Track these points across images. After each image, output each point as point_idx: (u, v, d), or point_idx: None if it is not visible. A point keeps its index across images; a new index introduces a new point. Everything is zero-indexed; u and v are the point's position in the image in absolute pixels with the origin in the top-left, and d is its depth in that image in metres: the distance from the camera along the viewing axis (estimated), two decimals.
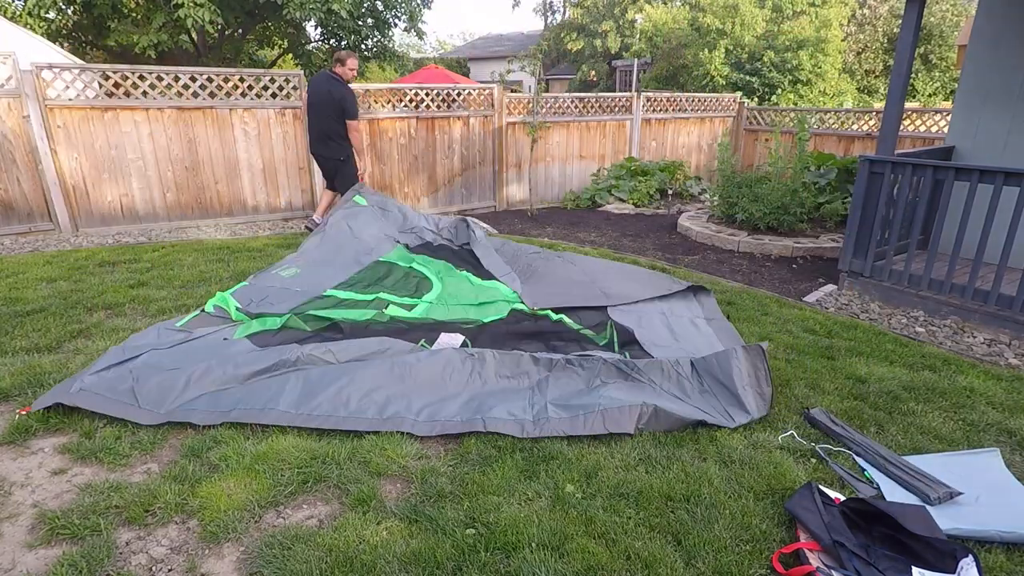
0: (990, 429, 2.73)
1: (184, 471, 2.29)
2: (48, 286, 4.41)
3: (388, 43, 16.50)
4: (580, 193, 8.93)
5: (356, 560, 1.88)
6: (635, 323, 3.69)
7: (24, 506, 2.13)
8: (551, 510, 2.13)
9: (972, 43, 4.96)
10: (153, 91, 6.18)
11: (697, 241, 6.62)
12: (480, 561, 1.88)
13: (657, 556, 1.91)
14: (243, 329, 3.48)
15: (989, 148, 4.91)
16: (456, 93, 7.86)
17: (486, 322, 3.73)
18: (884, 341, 3.72)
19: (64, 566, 1.83)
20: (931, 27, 18.77)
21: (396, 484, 2.29)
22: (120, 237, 6.20)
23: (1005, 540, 2.01)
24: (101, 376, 2.85)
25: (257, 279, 4.40)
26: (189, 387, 2.77)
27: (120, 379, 2.83)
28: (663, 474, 2.34)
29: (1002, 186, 3.74)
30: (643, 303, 4.10)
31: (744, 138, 10.20)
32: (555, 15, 27.00)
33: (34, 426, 2.56)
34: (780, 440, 2.59)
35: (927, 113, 8.00)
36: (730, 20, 15.49)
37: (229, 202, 6.87)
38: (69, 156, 5.98)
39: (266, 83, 6.68)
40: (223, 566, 1.89)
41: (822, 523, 1.95)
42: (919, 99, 18.33)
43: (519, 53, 9.52)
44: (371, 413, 2.64)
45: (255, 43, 18.20)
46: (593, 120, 8.97)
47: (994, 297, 3.91)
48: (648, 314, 3.90)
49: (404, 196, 7.88)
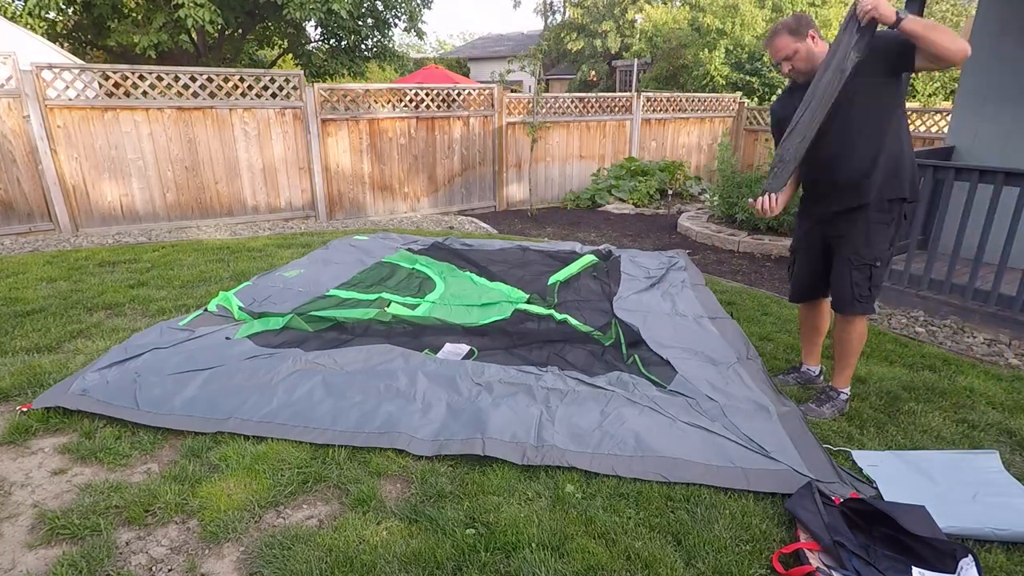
0: (990, 429, 2.73)
1: (184, 471, 2.29)
2: (48, 286, 4.41)
3: (388, 43, 16.51)
4: (580, 193, 8.93)
5: (356, 560, 1.88)
6: (640, 322, 3.68)
7: (24, 506, 2.13)
8: (551, 510, 2.13)
9: (972, 43, 4.94)
10: (153, 91, 6.18)
11: (697, 241, 6.62)
12: (480, 561, 1.88)
13: (657, 556, 1.91)
14: (245, 329, 3.48)
15: (989, 148, 4.91)
16: (456, 93, 7.86)
17: (488, 322, 3.73)
18: (884, 341, 3.72)
19: (64, 566, 1.83)
20: None
21: (396, 484, 2.29)
22: (120, 237, 6.20)
23: (1003, 539, 2.01)
24: (102, 374, 2.86)
25: (260, 279, 4.43)
26: (188, 391, 2.76)
27: (122, 379, 2.84)
28: None
29: (1002, 186, 3.74)
30: (648, 302, 4.13)
31: (744, 138, 10.20)
32: (555, 15, 26.99)
33: (34, 426, 2.56)
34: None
35: (927, 113, 7.99)
36: (730, 20, 15.49)
37: (229, 202, 6.87)
38: (69, 156, 5.98)
39: (266, 83, 6.68)
40: (223, 566, 1.89)
41: (822, 523, 1.95)
42: (919, 99, 18.31)
43: (519, 53, 9.51)
44: (368, 428, 2.56)
45: (255, 43, 18.18)
46: (593, 120, 8.97)
47: (994, 297, 3.91)
48: (654, 313, 3.92)
49: (404, 196, 7.89)
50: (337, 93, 7.12)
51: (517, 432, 2.48)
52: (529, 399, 2.75)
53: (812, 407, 2.82)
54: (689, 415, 2.67)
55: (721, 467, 2.33)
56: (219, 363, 2.99)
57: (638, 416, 2.63)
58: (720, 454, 2.41)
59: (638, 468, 2.33)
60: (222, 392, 2.77)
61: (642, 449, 2.42)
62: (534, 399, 2.75)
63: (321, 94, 6.97)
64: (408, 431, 2.53)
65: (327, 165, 7.25)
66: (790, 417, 2.67)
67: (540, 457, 2.37)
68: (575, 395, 2.79)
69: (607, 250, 5.42)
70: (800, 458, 2.38)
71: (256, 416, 2.62)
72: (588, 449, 2.42)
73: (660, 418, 2.63)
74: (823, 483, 2.24)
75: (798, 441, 2.49)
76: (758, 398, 2.83)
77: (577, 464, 2.34)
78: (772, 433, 2.54)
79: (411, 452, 2.43)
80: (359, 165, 7.46)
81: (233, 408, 2.66)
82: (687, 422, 2.61)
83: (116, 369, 2.93)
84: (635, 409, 2.69)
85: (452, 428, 2.54)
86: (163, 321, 3.68)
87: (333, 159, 7.27)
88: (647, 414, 2.65)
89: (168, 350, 3.15)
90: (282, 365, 2.96)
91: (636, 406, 2.71)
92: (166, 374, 2.88)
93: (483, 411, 2.62)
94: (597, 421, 2.59)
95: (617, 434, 2.50)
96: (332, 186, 7.36)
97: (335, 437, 2.50)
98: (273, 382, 2.85)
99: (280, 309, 3.81)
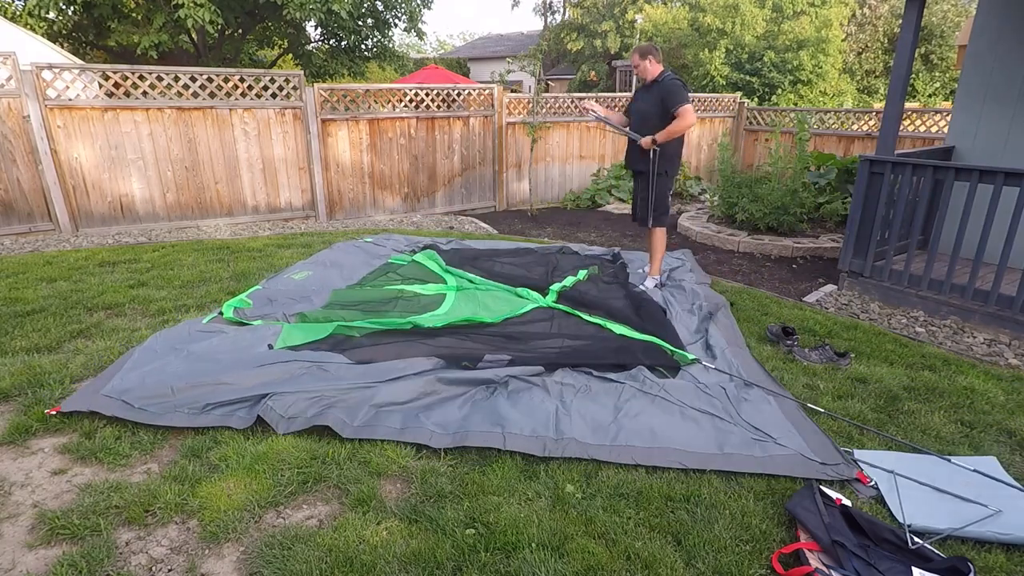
0: (990, 429, 2.73)
1: (184, 471, 2.29)
2: (48, 286, 4.41)
3: (388, 43, 16.50)
4: (580, 193, 8.93)
5: (356, 560, 1.88)
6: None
7: (24, 506, 2.13)
8: (551, 510, 2.13)
9: (972, 43, 4.96)
10: (153, 91, 6.18)
11: (697, 241, 6.62)
12: (480, 561, 1.88)
13: (657, 556, 1.91)
14: (284, 338, 3.37)
15: (989, 148, 4.91)
16: (456, 93, 7.86)
17: (503, 320, 3.76)
18: (884, 341, 3.72)
19: (64, 566, 1.83)
20: (931, 27, 18.76)
21: (396, 484, 2.29)
22: (120, 237, 6.21)
23: (1003, 542, 2.01)
24: (125, 379, 2.83)
25: (269, 282, 4.46)
26: (221, 394, 2.73)
27: (153, 381, 2.81)
28: (663, 474, 2.34)
29: (1002, 186, 3.74)
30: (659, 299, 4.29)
31: (744, 138, 10.20)
32: (555, 15, 26.99)
33: (34, 426, 2.56)
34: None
35: (927, 113, 7.99)
36: (730, 20, 15.48)
37: (229, 202, 6.87)
38: (69, 156, 5.98)
39: (266, 83, 6.68)
40: (223, 566, 1.89)
41: (822, 523, 1.95)
42: (919, 99, 18.30)
43: (519, 53, 9.52)
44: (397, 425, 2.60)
45: (255, 43, 18.18)
46: (593, 120, 8.96)
47: (994, 297, 3.91)
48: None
49: (404, 196, 7.89)
50: (337, 93, 7.12)
51: (536, 427, 2.56)
52: (544, 394, 2.84)
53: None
54: (698, 401, 2.81)
55: (734, 454, 2.43)
56: (285, 376, 2.91)
57: (650, 406, 2.75)
58: (731, 442, 2.51)
59: (657, 458, 2.41)
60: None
61: (658, 440, 2.51)
62: (548, 394, 2.85)
63: (321, 94, 6.96)
64: (430, 427, 2.58)
65: (327, 165, 7.24)
66: (789, 404, 2.83)
67: (560, 449, 2.44)
68: (587, 390, 2.90)
69: (613, 253, 5.52)
70: (805, 443, 2.50)
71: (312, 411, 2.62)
72: (606, 441, 2.51)
73: (671, 407, 2.75)
74: (830, 465, 2.35)
75: (800, 427, 2.63)
76: (760, 382, 3.03)
77: (597, 456, 2.42)
78: (776, 420, 2.68)
79: (432, 446, 2.47)
80: (359, 165, 7.46)
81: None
82: (698, 409, 2.74)
83: (147, 373, 2.88)
84: (647, 399, 2.81)
85: (472, 422, 2.61)
86: (188, 320, 3.66)
87: (333, 159, 7.27)
88: (659, 404, 2.78)
89: (206, 357, 3.07)
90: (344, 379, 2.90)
91: (647, 396, 2.84)
92: (207, 380, 2.79)
93: (500, 407, 2.70)
94: (612, 414, 2.69)
95: (633, 425, 2.60)
96: (332, 186, 7.36)
97: (357, 432, 2.54)
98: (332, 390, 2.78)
99: (302, 307, 3.84)
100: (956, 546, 2.01)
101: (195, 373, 2.87)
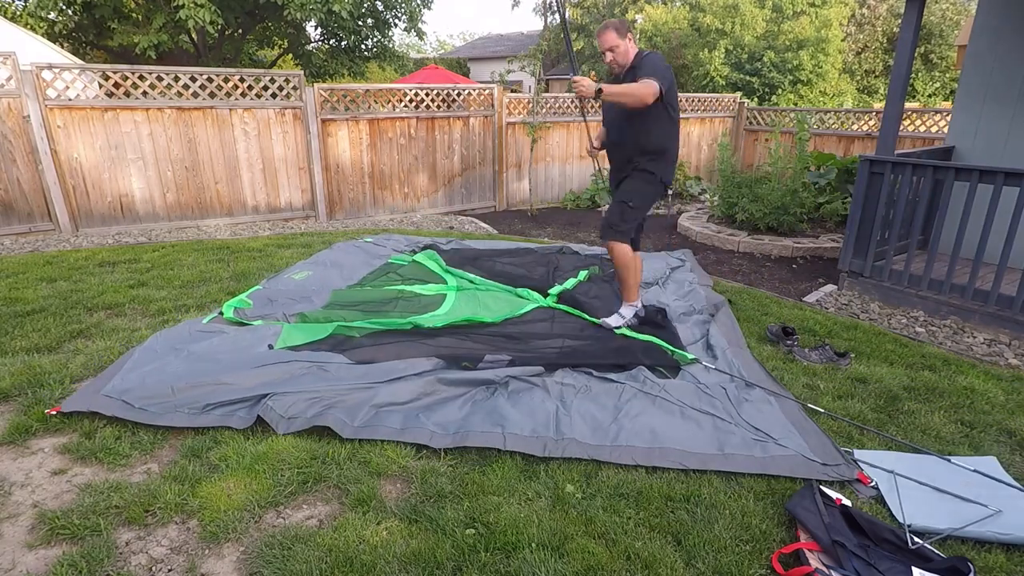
0: (990, 429, 2.73)
1: (184, 471, 2.29)
2: (48, 286, 4.41)
3: (388, 43, 16.48)
4: (580, 193, 8.93)
5: (356, 560, 1.88)
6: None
7: (24, 506, 2.13)
8: (551, 510, 2.13)
9: (972, 43, 4.96)
10: (153, 91, 6.18)
11: (697, 241, 6.62)
12: (480, 561, 1.88)
13: (657, 556, 1.91)
14: (285, 336, 3.37)
15: (989, 148, 4.91)
16: (456, 93, 7.86)
17: (504, 320, 3.77)
18: (884, 341, 3.72)
19: (64, 566, 1.83)
20: (931, 27, 18.76)
21: (396, 484, 2.29)
22: (120, 237, 6.21)
23: (1004, 542, 2.01)
24: (125, 379, 2.83)
25: (270, 282, 4.45)
26: (221, 394, 2.72)
27: (154, 381, 2.80)
28: (663, 474, 2.34)
29: (1002, 186, 3.74)
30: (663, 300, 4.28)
31: (744, 138, 10.20)
32: (554, 15, 26.94)
33: (34, 426, 2.56)
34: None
35: (927, 113, 8.00)
36: (730, 20, 15.48)
37: (229, 202, 6.87)
38: (69, 156, 5.98)
39: (266, 83, 6.68)
40: (223, 566, 1.89)
41: (822, 523, 1.95)
42: (919, 99, 18.30)
43: (519, 53, 9.51)
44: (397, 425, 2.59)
45: (255, 43, 18.16)
46: (593, 120, 8.96)
47: (994, 297, 3.91)
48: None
49: (404, 196, 7.89)
50: (337, 93, 7.12)
51: (536, 427, 2.56)
52: (544, 394, 2.84)
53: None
54: (699, 402, 2.81)
55: (735, 455, 2.43)
56: (286, 376, 2.90)
57: (651, 406, 2.75)
58: (732, 442, 2.51)
59: (657, 458, 2.41)
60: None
61: (658, 440, 2.51)
62: (548, 394, 2.85)
63: (321, 94, 6.96)
64: (430, 427, 2.57)
65: (327, 165, 7.24)
66: (789, 404, 2.83)
67: (561, 450, 2.43)
68: (587, 390, 2.90)
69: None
70: (805, 443, 2.50)
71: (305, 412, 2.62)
72: (607, 441, 2.50)
73: (672, 407, 2.75)
74: (830, 465, 2.35)
75: (800, 427, 2.63)
76: (760, 382, 3.02)
77: (597, 456, 2.41)
78: (776, 420, 2.68)
79: (432, 446, 2.47)
80: (359, 165, 7.46)
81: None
82: (699, 409, 2.74)
83: (146, 373, 2.87)
84: (647, 400, 2.81)
85: (472, 422, 2.60)
86: (189, 320, 3.65)
87: (333, 159, 7.27)
88: (659, 404, 2.77)
89: (207, 357, 3.06)
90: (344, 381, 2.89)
91: (648, 396, 2.83)
92: (206, 381, 2.79)
93: (501, 407, 2.69)
94: (613, 414, 2.69)
95: (633, 426, 2.59)
96: (332, 186, 7.36)
97: (357, 432, 2.53)
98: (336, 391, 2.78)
99: (302, 308, 3.83)
100: (956, 546, 2.01)
101: (195, 373, 2.86)
